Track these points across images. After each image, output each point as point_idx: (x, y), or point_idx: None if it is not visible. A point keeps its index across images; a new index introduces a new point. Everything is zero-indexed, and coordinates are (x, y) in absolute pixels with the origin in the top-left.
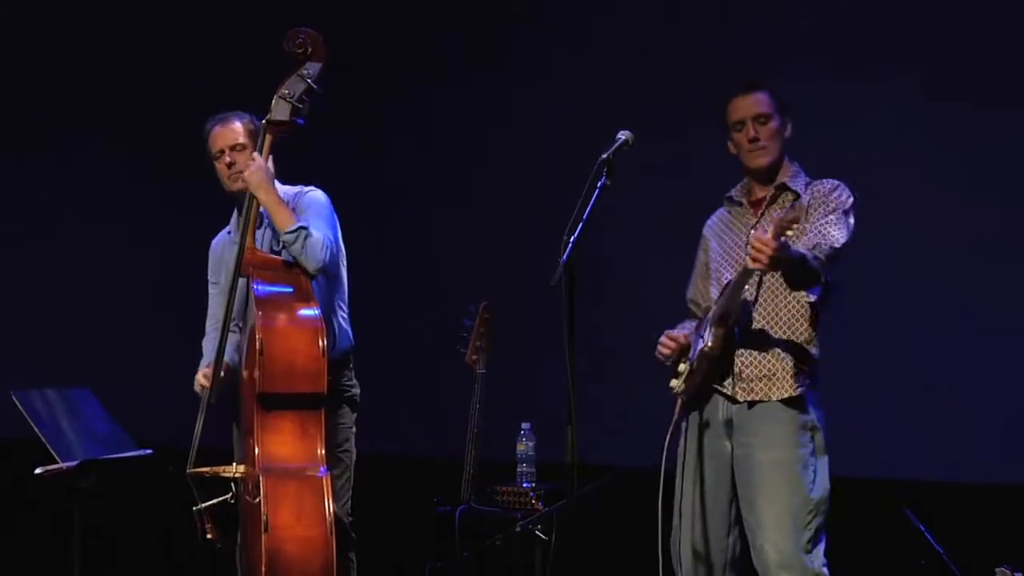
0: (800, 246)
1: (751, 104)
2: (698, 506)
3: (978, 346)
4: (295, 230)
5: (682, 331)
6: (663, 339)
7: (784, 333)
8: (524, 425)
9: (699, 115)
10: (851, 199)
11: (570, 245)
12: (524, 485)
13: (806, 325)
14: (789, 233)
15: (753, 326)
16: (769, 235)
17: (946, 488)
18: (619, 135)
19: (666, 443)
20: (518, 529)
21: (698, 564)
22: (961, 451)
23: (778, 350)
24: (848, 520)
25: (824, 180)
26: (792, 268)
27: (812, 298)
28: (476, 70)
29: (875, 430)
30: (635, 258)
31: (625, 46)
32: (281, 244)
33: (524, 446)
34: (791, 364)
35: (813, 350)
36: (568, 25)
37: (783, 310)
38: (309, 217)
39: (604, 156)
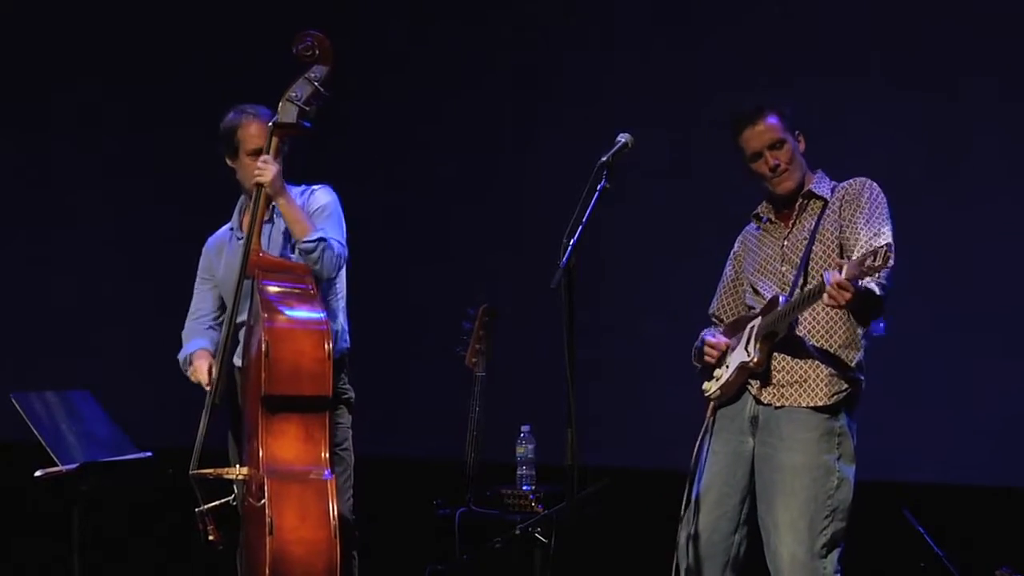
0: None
1: (762, 133)
2: (710, 500)
3: (979, 347)
4: (315, 240)
5: (719, 336)
6: (707, 349)
7: (822, 341)
8: (524, 427)
9: (699, 117)
10: (882, 195)
11: (570, 248)
12: (524, 487)
13: (843, 332)
14: (867, 279)
15: (793, 333)
16: (845, 276)
17: (946, 490)
18: (619, 137)
19: (697, 445)
20: (518, 531)
21: (700, 558)
22: (961, 453)
23: (814, 357)
24: (849, 521)
25: (852, 180)
26: (863, 305)
27: (878, 333)
28: (479, 72)
29: (875, 431)
30: (635, 260)
31: (626, 47)
32: (295, 250)
33: (524, 448)
34: (826, 372)
35: (854, 357)
36: (569, 26)
37: (822, 317)
38: (323, 223)
39: (604, 159)
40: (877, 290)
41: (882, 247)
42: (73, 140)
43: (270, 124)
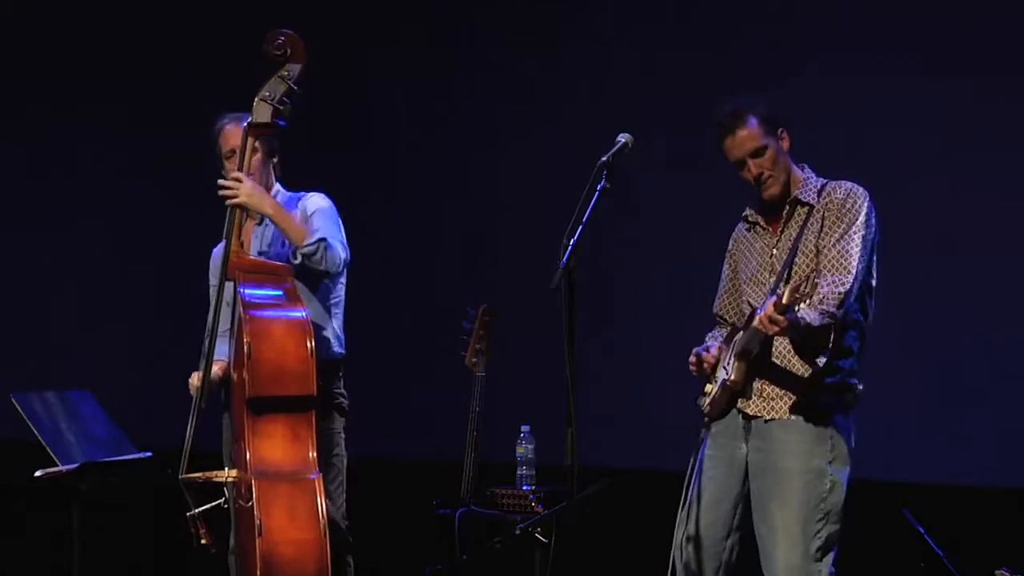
0: (822, 267)
1: (742, 142)
2: (701, 505)
3: (978, 347)
4: (315, 242)
5: (710, 348)
6: (692, 359)
7: (807, 351)
8: (524, 427)
9: (701, 117)
10: (865, 207)
11: (569, 248)
12: (524, 488)
13: (829, 341)
14: (802, 306)
15: (775, 345)
16: (778, 308)
17: (946, 490)
18: (619, 137)
19: (694, 455)
20: (518, 532)
21: (693, 562)
22: (961, 453)
23: (799, 371)
24: (847, 521)
25: (838, 185)
26: (799, 335)
27: (819, 364)
28: (476, 72)
29: (874, 431)
30: (635, 260)
31: (628, 46)
32: (297, 257)
33: (524, 448)
34: (813, 385)
35: (843, 365)
36: (569, 25)
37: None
38: (320, 224)
39: (604, 159)
40: (816, 320)
41: (811, 275)
42: (73, 140)
43: (244, 125)
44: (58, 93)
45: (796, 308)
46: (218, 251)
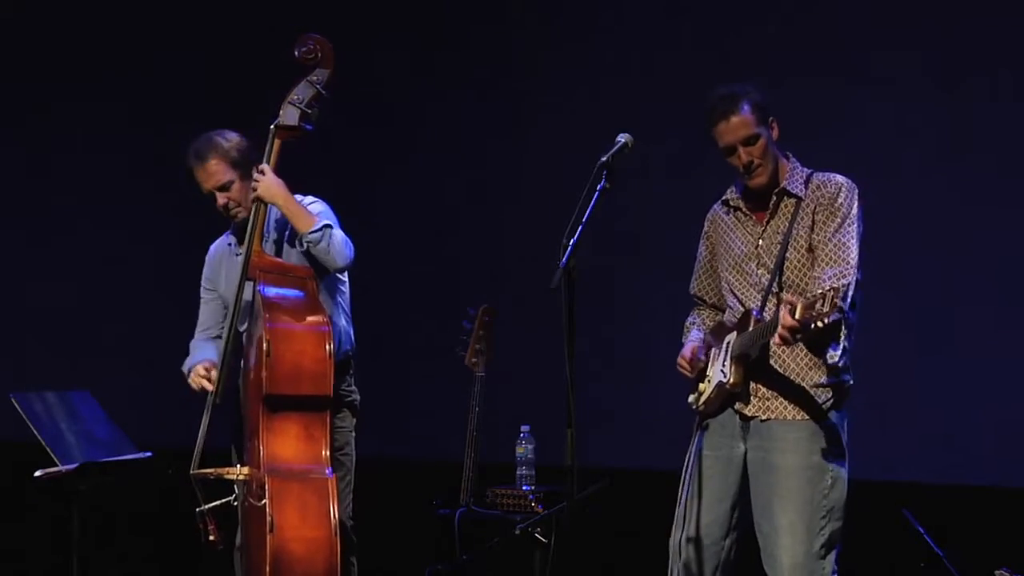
0: (817, 266)
1: (735, 128)
2: (700, 505)
3: (978, 347)
4: (319, 228)
5: (697, 346)
6: (680, 362)
7: (800, 354)
8: (523, 428)
9: (700, 117)
10: (857, 201)
11: (569, 248)
12: (523, 488)
13: (840, 334)
14: (819, 325)
15: (771, 346)
16: (797, 319)
17: (946, 490)
18: (619, 138)
19: (688, 451)
20: (517, 532)
21: (692, 562)
22: (961, 453)
23: (796, 369)
24: (847, 521)
25: (827, 179)
26: (814, 336)
27: (836, 358)
28: (478, 72)
29: (875, 431)
30: (634, 260)
31: (627, 46)
32: (303, 245)
33: (523, 449)
34: (808, 384)
35: (836, 362)
36: (570, 26)
37: None
38: (323, 215)
39: (603, 159)
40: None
41: (828, 292)
42: (73, 140)
43: (272, 126)
44: (58, 93)
45: (813, 325)
46: (215, 249)
